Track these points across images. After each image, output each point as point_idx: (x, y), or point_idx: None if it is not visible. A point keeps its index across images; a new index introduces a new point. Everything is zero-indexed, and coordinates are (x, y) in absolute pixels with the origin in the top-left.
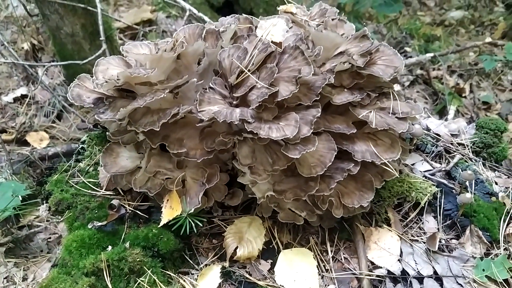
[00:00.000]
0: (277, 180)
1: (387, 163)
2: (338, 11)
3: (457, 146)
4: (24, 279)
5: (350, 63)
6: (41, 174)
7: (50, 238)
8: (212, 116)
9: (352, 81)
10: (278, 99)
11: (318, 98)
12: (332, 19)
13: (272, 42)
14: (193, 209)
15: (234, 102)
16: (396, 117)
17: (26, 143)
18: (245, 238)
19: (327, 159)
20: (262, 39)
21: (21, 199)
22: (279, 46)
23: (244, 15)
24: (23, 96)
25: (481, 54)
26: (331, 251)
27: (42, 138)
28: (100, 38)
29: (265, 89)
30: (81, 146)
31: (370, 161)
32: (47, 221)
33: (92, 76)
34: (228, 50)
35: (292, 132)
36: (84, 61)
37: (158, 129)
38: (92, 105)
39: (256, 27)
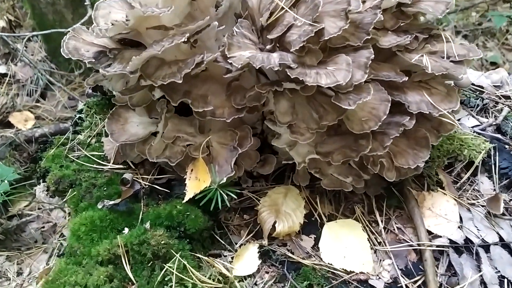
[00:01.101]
0: (318, 141)
1: (447, 114)
2: None
3: (502, 98)
4: (19, 273)
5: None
6: (29, 157)
7: (44, 227)
8: (247, 62)
9: (396, 22)
10: (325, 38)
11: (369, 37)
12: None
13: None
14: (224, 179)
15: (267, 47)
16: (452, 61)
17: (10, 125)
18: (283, 211)
19: (381, 112)
20: None
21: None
22: None
23: None
24: (3, 75)
25: (486, 12)
26: (382, 221)
27: (27, 118)
28: (85, 3)
29: (308, 26)
30: (78, 116)
31: (427, 112)
32: (39, 209)
33: (87, 29)
34: None
35: (344, 77)
36: (68, 30)
37: (180, 81)
38: (93, 60)
39: None
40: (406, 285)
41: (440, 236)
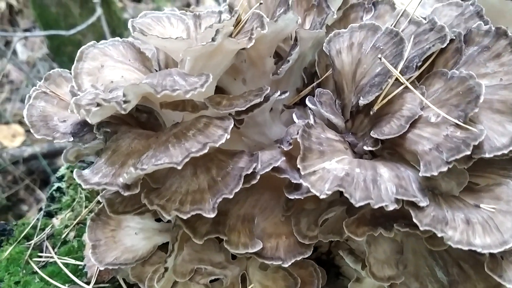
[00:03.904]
0: None
1: None
2: None
3: None
4: None
5: None
6: (14, 181)
7: None
8: (336, 190)
9: None
10: (485, 155)
11: None
12: None
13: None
14: None
15: (367, 147)
16: None
17: None
18: None
19: None
20: (407, 11)
21: None
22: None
23: None
24: None
25: None
26: None
27: (15, 133)
28: (94, 0)
29: (454, 130)
30: (56, 185)
31: None
32: None
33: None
34: (350, 34)
35: None
36: (72, 32)
37: (212, 215)
38: (71, 138)
39: None
40: None
41: None
